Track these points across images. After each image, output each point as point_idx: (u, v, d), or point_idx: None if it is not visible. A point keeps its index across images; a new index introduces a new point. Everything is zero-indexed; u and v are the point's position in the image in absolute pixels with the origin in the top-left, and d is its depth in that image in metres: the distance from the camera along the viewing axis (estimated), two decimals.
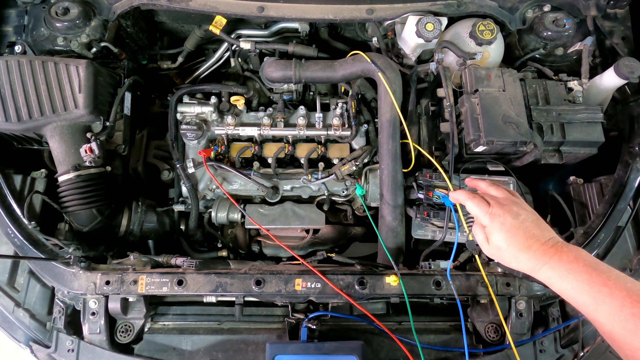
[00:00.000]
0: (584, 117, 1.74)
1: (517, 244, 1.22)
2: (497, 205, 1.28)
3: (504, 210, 1.26)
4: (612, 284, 1.04)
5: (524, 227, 1.23)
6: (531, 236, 1.21)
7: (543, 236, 1.21)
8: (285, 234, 2.12)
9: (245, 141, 2.10)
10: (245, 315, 1.71)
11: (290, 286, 1.57)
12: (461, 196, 1.40)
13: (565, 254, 1.14)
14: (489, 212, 1.29)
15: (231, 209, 2.07)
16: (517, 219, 1.24)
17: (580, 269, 1.10)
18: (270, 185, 2.05)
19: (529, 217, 1.26)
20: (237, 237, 2.15)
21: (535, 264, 1.18)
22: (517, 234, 1.22)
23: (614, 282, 1.04)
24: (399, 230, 1.80)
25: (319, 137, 2.06)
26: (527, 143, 1.63)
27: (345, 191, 2.09)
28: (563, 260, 1.13)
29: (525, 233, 1.22)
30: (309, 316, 1.59)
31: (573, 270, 1.10)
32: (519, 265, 1.23)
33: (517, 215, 1.25)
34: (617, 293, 1.02)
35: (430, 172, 1.81)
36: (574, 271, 1.10)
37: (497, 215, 1.27)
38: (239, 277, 1.59)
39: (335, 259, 1.89)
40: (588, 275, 1.08)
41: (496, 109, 1.65)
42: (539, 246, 1.19)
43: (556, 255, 1.15)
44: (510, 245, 1.23)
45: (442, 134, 1.83)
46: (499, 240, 1.25)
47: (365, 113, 2.15)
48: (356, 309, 1.62)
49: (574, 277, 1.09)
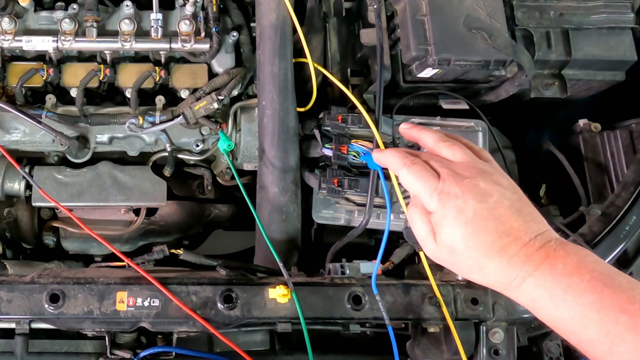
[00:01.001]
0: (601, 19, 1.54)
1: (483, 245, 1.00)
2: (453, 178, 1.07)
3: (464, 187, 1.04)
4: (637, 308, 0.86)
5: (495, 216, 1.01)
6: (507, 231, 1.00)
7: (527, 231, 1.00)
8: (100, 217, 1.82)
9: (33, 60, 1.72)
10: (33, 353, 1.43)
11: (109, 304, 1.34)
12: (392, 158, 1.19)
13: (561, 261, 0.94)
14: (438, 189, 1.06)
15: (9, 174, 1.74)
16: (486, 202, 1.02)
17: (584, 285, 0.91)
18: (75, 135, 1.70)
19: (504, 197, 1.05)
20: (19, 221, 1.83)
21: (512, 277, 0.98)
22: (485, 228, 1.01)
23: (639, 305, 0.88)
24: (291, 210, 1.56)
25: (156, 53, 1.70)
26: (506, 63, 1.44)
27: (200, 144, 1.76)
28: (557, 270, 0.94)
29: (498, 226, 1.00)
30: (140, 355, 1.36)
31: (573, 287, 0.91)
32: (486, 279, 1.03)
33: (486, 196, 1.03)
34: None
35: (345, 112, 1.53)
36: (575, 289, 0.91)
37: (452, 195, 1.05)
38: (21, 288, 1.35)
39: (183, 258, 1.51)
40: (598, 296, 0.89)
41: (455, 5, 1.46)
42: (520, 248, 0.98)
43: (546, 263, 0.95)
44: (471, 246, 1.02)
45: (364, 48, 1.60)
46: (454, 238, 1.04)
47: (235, 13, 1.78)
48: (219, 342, 1.42)
49: (573, 298, 0.91)
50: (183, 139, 1.74)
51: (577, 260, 0.96)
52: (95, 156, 1.74)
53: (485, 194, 1.04)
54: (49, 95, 1.69)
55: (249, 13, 1.83)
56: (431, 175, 1.08)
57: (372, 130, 1.42)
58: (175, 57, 1.73)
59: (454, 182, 1.06)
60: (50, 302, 1.29)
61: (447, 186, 1.06)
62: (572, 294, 0.93)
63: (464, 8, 1.42)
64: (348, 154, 1.47)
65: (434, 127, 1.53)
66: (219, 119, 1.74)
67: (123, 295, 1.32)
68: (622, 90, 1.66)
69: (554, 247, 0.98)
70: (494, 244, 1.00)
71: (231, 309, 1.30)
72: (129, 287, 1.33)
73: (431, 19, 1.40)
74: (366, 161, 1.43)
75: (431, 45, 1.39)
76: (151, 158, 1.79)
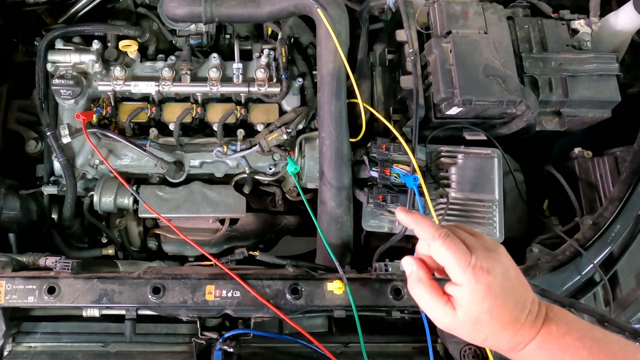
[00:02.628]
0: (593, 68, 1.69)
1: (504, 316, 1.01)
2: (484, 254, 1.04)
3: (494, 263, 1.03)
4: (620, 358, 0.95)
5: (512, 289, 1.02)
6: (518, 302, 1.02)
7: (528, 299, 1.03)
8: (192, 225, 1.98)
9: (139, 101, 1.93)
10: (139, 334, 1.56)
11: (200, 295, 1.44)
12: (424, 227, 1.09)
13: (555, 324, 1.00)
14: (472, 264, 1.01)
15: (120, 191, 1.89)
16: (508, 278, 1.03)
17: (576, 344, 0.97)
18: (173, 160, 1.88)
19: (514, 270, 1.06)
20: (129, 229, 1.99)
21: (520, 342, 1.01)
22: (507, 302, 1.01)
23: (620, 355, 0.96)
24: (344, 220, 1.68)
25: (237, 95, 1.90)
26: (516, 103, 1.57)
27: (272, 168, 1.95)
28: (553, 332, 1.00)
29: (515, 298, 1.02)
30: (224, 335, 1.46)
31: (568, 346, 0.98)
32: (497, 345, 1.04)
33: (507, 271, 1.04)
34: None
35: (387, 142, 1.69)
36: (569, 348, 0.97)
37: (484, 270, 1.01)
38: (130, 283, 1.46)
39: (259, 258, 1.68)
40: (588, 352, 0.96)
41: (475, 57, 1.60)
42: (526, 316, 1.01)
43: (545, 327, 1.00)
44: (495, 317, 1.00)
45: (403, 91, 1.73)
46: (482, 310, 1.01)
47: (300, 63, 1.99)
48: (288, 325, 1.51)
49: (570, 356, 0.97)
50: (259, 164, 1.94)
51: (565, 322, 1.01)
52: (189, 177, 1.94)
53: (506, 268, 1.04)
54: (152, 128, 1.90)
55: (312, 63, 2.02)
56: (464, 250, 1.03)
57: (409, 156, 1.59)
58: (253, 98, 1.94)
59: (486, 257, 1.03)
60: (153, 294, 1.44)
61: (480, 261, 1.02)
62: (569, 352, 0.97)
63: (483, 59, 1.58)
64: (390, 175, 1.64)
65: (459, 154, 1.71)
66: (288, 147, 1.93)
67: (211, 288, 1.46)
68: (609, 125, 1.79)
69: (545, 310, 1.02)
70: (511, 315, 1.00)
71: (297, 299, 1.44)
72: (216, 281, 1.47)
73: (457, 68, 1.57)
74: (405, 181, 1.58)
75: (457, 89, 1.55)
76: (233, 178, 1.98)
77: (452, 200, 1.70)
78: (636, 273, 1.61)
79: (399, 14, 1.74)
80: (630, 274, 1.61)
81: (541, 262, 1.59)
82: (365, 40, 1.94)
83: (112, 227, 2.00)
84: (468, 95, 1.54)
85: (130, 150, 1.88)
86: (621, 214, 1.60)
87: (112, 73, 1.84)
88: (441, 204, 1.68)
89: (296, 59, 2.00)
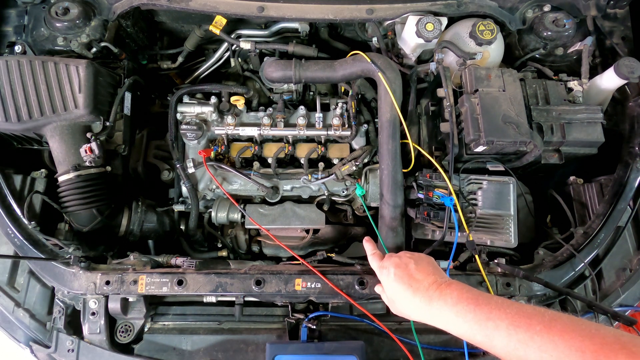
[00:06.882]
0: (584, 117, 1.75)
1: (405, 292, 1.23)
2: (388, 257, 1.33)
3: (391, 262, 1.30)
4: (495, 315, 1.02)
5: (408, 273, 1.24)
6: (416, 281, 1.22)
7: (426, 279, 1.21)
8: (285, 234, 2.11)
9: (245, 141, 2.11)
10: (245, 315, 1.71)
11: (290, 286, 1.58)
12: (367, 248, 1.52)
13: (449, 295, 1.13)
14: (379, 265, 1.34)
15: (231, 209, 2.07)
16: (403, 267, 1.27)
17: (465, 308, 1.08)
18: (270, 185, 2.05)
19: (412, 261, 1.28)
20: (237, 237, 2.15)
21: (427, 310, 1.17)
22: (403, 281, 1.23)
23: (495, 312, 1.03)
24: (398, 230, 1.78)
25: (319, 137, 2.07)
26: (527, 143, 1.63)
27: (345, 191, 2.09)
28: (448, 303, 1.12)
29: (410, 278, 1.23)
30: (309, 316, 1.59)
31: (460, 312, 1.09)
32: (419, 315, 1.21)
33: (403, 264, 1.28)
34: (501, 323, 1.00)
35: (430, 172, 1.80)
36: (461, 313, 1.09)
37: (385, 266, 1.31)
38: (239, 277, 1.60)
39: (335, 259, 1.91)
40: (474, 314, 1.06)
41: (496, 108, 1.65)
42: (425, 291, 1.18)
43: (441, 299, 1.14)
44: (399, 294, 1.24)
45: (442, 134, 1.83)
46: (390, 292, 1.27)
47: (365, 113, 2.15)
48: (356, 308, 1.62)
49: (462, 319, 1.08)
50: (335, 188, 2.10)
51: (457, 293, 1.13)
52: (283, 198, 2.11)
53: (403, 263, 1.30)
54: (255, 162, 2.09)
55: (374, 113, 2.16)
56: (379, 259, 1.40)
57: (447, 182, 1.71)
58: (330, 139, 2.10)
59: (387, 259, 1.34)
60: (256, 285, 1.59)
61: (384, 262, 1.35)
62: (461, 316, 1.08)
63: (502, 110, 1.66)
64: (433, 197, 1.75)
65: (484, 181, 1.81)
66: (356, 176, 2.07)
67: (299, 280, 1.60)
68: (596, 159, 1.85)
69: (443, 286, 1.17)
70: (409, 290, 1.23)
71: (363, 289, 1.57)
72: (302, 276, 1.61)
73: (482, 117, 1.65)
74: (443, 201, 1.69)
75: (482, 132, 1.63)
76: (316, 199, 2.14)
77: (478, 216, 1.78)
78: (616, 270, 1.74)
79: (439, 76, 1.82)
80: (612, 271, 1.74)
81: (545, 261, 1.70)
82: (414, 96, 2.03)
83: (225, 235, 2.16)
84: (491, 137, 1.61)
85: (239, 178, 2.06)
86: (605, 225, 1.72)
87: (225, 120, 2.04)
88: (471, 218, 1.78)
89: (362, 110, 2.14)
